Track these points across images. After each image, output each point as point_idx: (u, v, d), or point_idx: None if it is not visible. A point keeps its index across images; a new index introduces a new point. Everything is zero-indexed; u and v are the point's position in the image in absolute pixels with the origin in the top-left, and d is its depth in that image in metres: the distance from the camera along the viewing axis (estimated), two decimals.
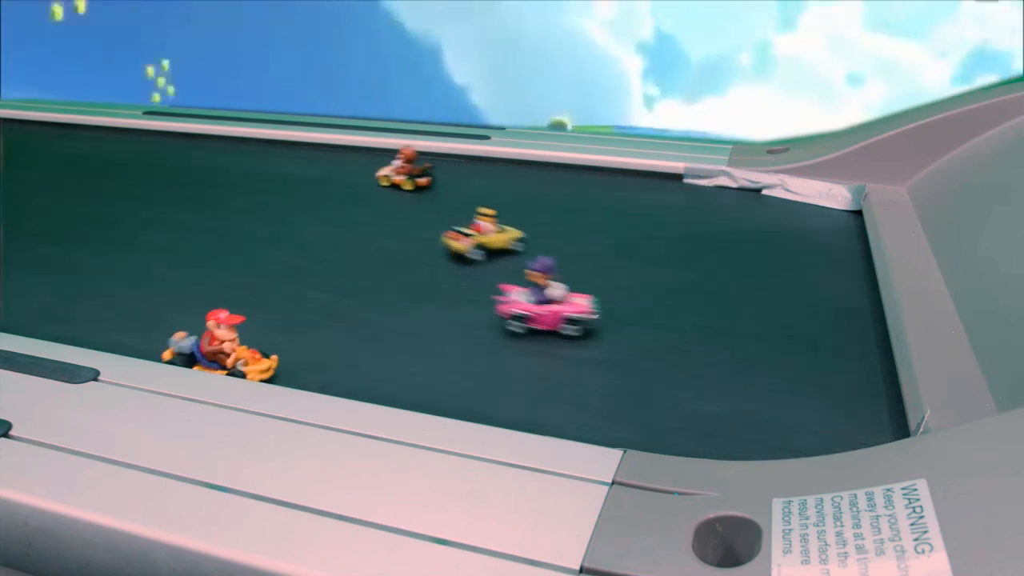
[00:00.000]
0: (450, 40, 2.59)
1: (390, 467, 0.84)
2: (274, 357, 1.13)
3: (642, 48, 2.34)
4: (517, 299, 1.25)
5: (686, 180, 2.08)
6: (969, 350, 1.10)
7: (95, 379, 1.01)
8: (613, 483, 0.79)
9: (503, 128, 2.52)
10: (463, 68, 2.60)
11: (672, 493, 0.77)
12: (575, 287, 1.28)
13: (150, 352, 1.12)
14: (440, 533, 0.74)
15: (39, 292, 1.43)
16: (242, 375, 1.10)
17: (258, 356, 1.12)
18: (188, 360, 1.12)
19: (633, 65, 2.35)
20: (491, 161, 2.27)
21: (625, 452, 0.84)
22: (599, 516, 0.74)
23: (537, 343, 1.24)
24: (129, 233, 1.75)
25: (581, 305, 1.24)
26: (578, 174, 2.16)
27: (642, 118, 2.44)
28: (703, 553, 0.70)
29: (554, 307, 1.23)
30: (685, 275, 1.52)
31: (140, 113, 2.75)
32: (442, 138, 2.39)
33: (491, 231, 1.56)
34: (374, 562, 0.71)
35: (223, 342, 1.10)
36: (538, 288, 1.24)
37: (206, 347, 1.11)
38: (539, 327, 1.24)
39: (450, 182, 2.08)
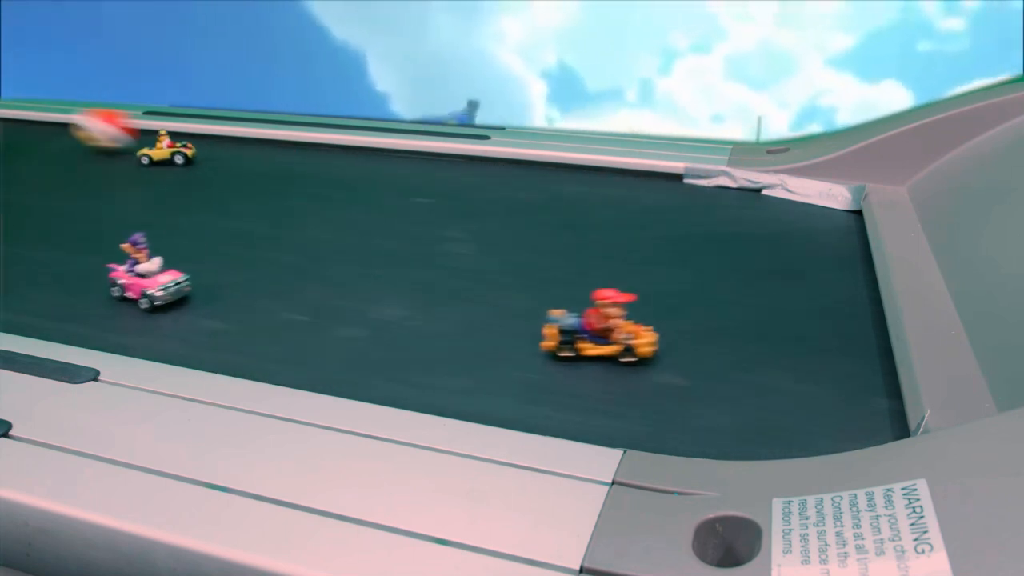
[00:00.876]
0: (375, 49, 2.86)
1: (390, 467, 0.84)
2: (650, 333, 1.16)
3: (546, 74, 2.72)
4: (118, 268, 1.39)
5: (686, 180, 2.08)
6: (969, 350, 1.10)
7: (95, 379, 1.01)
8: (613, 483, 0.79)
9: (503, 128, 2.53)
10: (385, 77, 2.88)
11: (672, 493, 0.77)
12: (574, 286, 1.29)
13: (150, 352, 1.12)
14: (440, 533, 0.74)
15: (39, 292, 1.43)
16: (630, 349, 1.14)
17: (644, 330, 1.16)
18: (570, 337, 1.16)
19: (537, 88, 2.73)
20: (491, 161, 2.28)
21: (625, 452, 0.84)
22: (599, 516, 0.74)
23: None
24: (129, 233, 1.74)
25: (163, 280, 1.35)
26: (578, 174, 2.16)
27: None
28: (703, 553, 0.70)
29: (142, 280, 1.35)
30: (684, 275, 1.52)
31: (140, 113, 2.75)
32: (442, 138, 2.40)
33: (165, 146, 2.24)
34: (374, 562, 0.71)
35: (612, 318, 1.15)
36: (133, 260, 1.37)
37: (596, 324, 1.16)
38: (130, 296, 1.37)
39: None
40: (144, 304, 1.34)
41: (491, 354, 1.21)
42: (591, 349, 1.16)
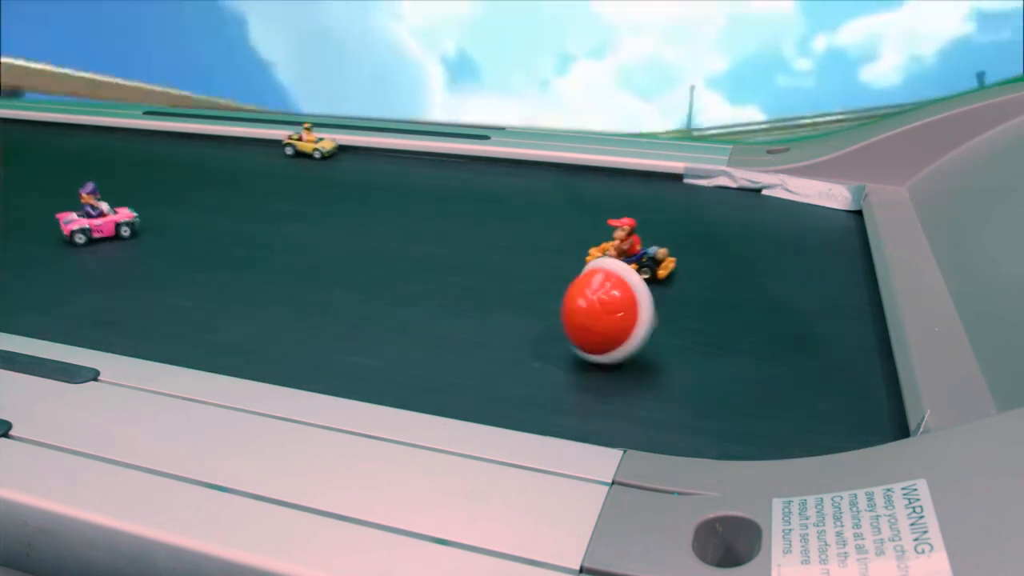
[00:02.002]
0: (257, 14, 2.89)
1: (390, 467, 0.84)
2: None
3: (444, 60, 2.81)
4: (74, 218, 1.64)
5: (686, 180, 2.08)
6: (969, 350, 1.10)
7: (95, 379, 1.01)
8: (613, 483, 0.79)
9: (503, 128, 2.53)
10: (269, 45, 2.90)
11: (672, 493, 0.77)
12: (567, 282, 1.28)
13: (150, 352, 1.12)
14: (440, 533, 0.74)
15: (39, 292, 1.43)
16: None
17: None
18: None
19: (435, 72, 2.82)
20: (491, 161, 2.28)
21: (625, 452, 0.84)
22: (599, 516, 0.74)
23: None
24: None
25: (127, 214, 1.69)
26: (578, 174, 2.16)
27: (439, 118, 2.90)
28: (703, 553, 0.70)
29: (107, 218, 1.66)
30: (684, 274, 1.52)
31: (140, 113, 2.75)
32: (442, 138, 2.40)
33: (305, 139, 2.33)
34: (374, 562, 0.71)
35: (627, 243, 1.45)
36: (91, 207, 1.65)
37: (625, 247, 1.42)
38: (100, 235, 1.65)
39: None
40: (125, 232, 1.67)
41: (487, 354, 1.21)
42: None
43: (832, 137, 2.14)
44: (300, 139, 2.33)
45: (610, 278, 1.10)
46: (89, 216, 1.65)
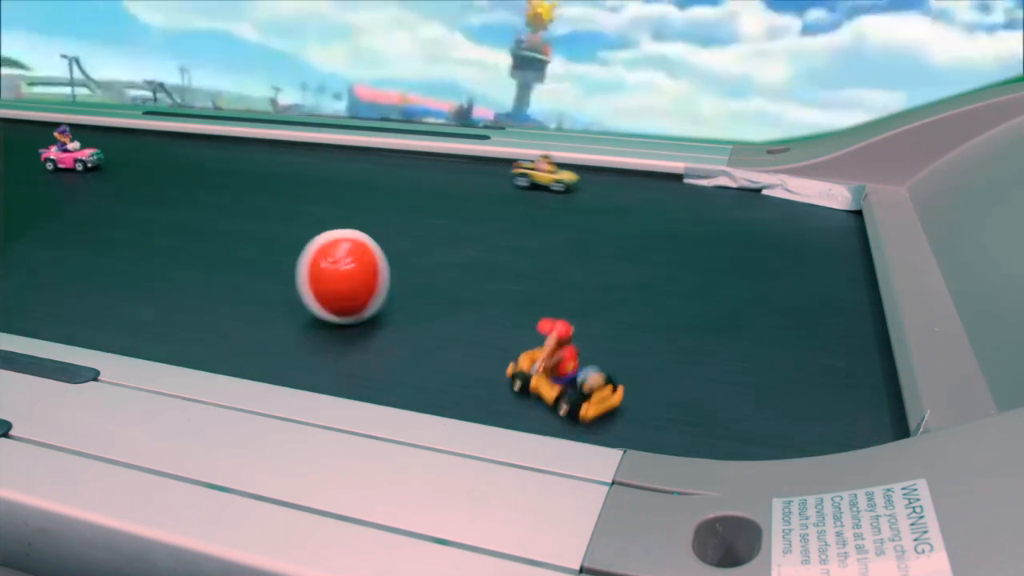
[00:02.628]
0: None
1: (390, 467, 0.84)
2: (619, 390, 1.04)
3: None
4: (51, 150, 2.17)
5: (686, 180, 2.08)
6: (969, 350, 1.10)
7: (95, 379, 1.01)
8: (613, 483, 0.79)
9: (503, 128, 2.53)
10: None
11: (672, 493, 0.77)
12: (572, 285, 1.28)
13: (150, 352, 1.12)
14: (440, 533, 0.74)
15: (39, 292, 1.43)
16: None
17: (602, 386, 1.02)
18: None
19: None
20: (491, 161, 2.28)
21: (625, 452, 0.84)
22: (599, 516, 0.74)
23: None
24: (129, 233, 1.75)
25: (85, 152, 2.18)
26: (578, 174, 2.16)
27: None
28: (703, 553, 0.70)
29: (71, 154, 2.18)
30: (684, 275, 1.52)
31: (140, 113, 2.75)
32: (442, 138, 2.40)
33: (543, 169, 2.04)
34: (374, 562, 0.71)
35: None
36: (62, 144, 2.18)
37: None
38: (63, 166, 2.18)
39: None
40: (79, 168, 2.17)
41: (483, 355, 1.21)
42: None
43: (832, 137, 2.14)
44: (536, 168, 2.04)
45: (354, 246, 1.24)
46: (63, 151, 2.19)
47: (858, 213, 1.81)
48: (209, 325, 1.31)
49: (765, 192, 1.98)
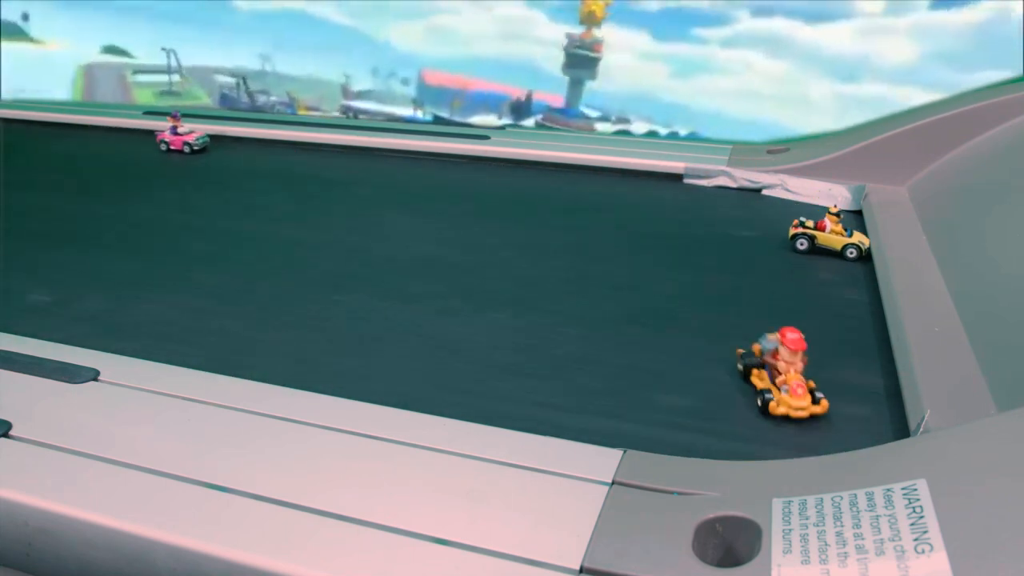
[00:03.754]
0: None
1: (390, 467, 0.84)
2: (823, 403, 1.03)
3: None
4: (165, 135, 2.35)
5: (686, 180, 2.08)
6: (969, 350, 1.10)
7: (95, 379, 1.01)
8: (613, 483, 0.79)
9: (503, 128, 2.53)
10: None
11: (672, 493, 0.77)
12: (574, 286, 1.30)
13: (150, 352, 1.12)
14: (440, 533, 0.74)
15: (39, 292, 1.43)
16: (766, 401, 1.04)
17: (803, 391, 1.03)
18: (759, 362, 1.10)
19: None
20: (491, 161, 2.28)
21: (625, 452, 0.84)
22: (599, 516, 0.74)
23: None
24: (129, 234, 1.75)
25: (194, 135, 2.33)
26: (578, 174, 2.16)
27: None
28: (703, 553, 0.70)
29: (181, 136, 2.32)
30: (685, 275, 1.52)
31: (140, 113, 2.75)
32: (442, 138, 2.40)
33: (827, 229, 1.60)
34: (374, 562, 0.71)
35: (780, 360, 1.06)
36: (175, 128, 2.34)
37: (769, 358, 1.08)
38: (175, 148, 2.34)
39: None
40: (187, 150, 2.34)
41: (479, 355, 1.21)
42: (757, 379, 1.09)
43: (832, 137, 2.14)
44: (820, 228, 1.60)
45: None
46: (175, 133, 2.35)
47: (858, 213, 1.81)
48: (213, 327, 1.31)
49: (765, 192, 1.98)
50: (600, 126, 2.65)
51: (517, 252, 1.64)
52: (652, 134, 2.56)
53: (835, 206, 1.62)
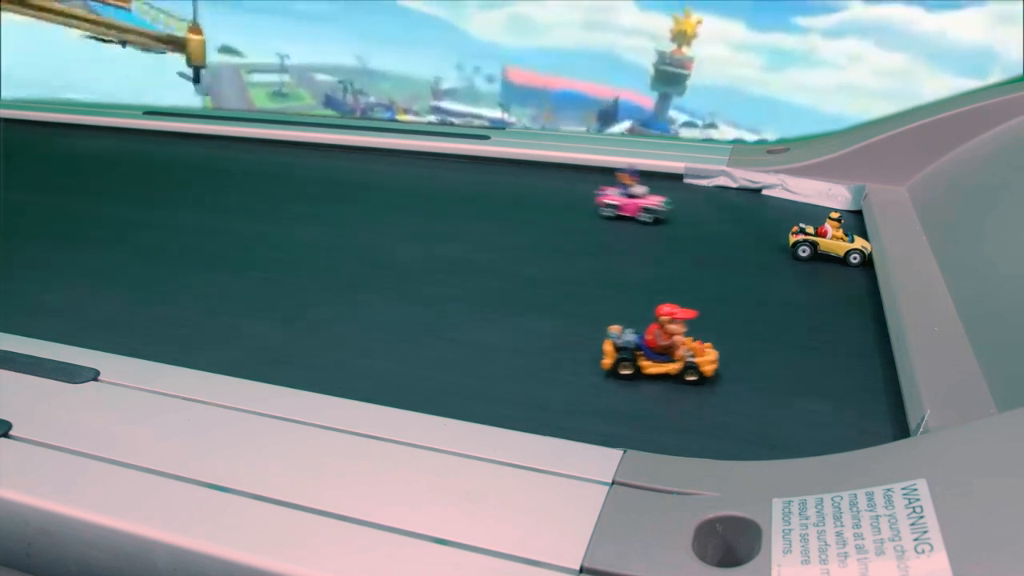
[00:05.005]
0: None
1: (390, 467, 0.84)
2: (712, 351, 1.12)
3: None
4: (610, 194, 1.81)
5: (686, 180, 2.08)
6: (969, 350, 1.10)
7: (95, 379, 1.01)
8: (613, 483, 0.79)
9: (503, 128, 2.53)
10: None
11: (672, 493, 0.77)
12: (573, 285, 1.31)
13: (150, 352, 1.12)
14: (440, 533, 0.74)
15: (39, 292, 1.43)
16: (694, 367, 1.11)
17: (706, 348, 1.13)
18: (629, 354, 1.12)
19: None
20: (491, 161, 2.28)
21: (625, 452, 0.84)
22: (599, 516, 0.74)
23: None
24: (129, 233, 1.75)
25: (654, 200, 1.78)
26: (578, 174, 2.16)
27: None
28: (703, 553, 0.70)
29: (637, 200, 1.78)
30: (685, 275, 1.52)
31: (140, 113, 2.75)
32: (442, 138, 2.40)
33: (828, 235, 1.58)
34: (374, 562, 0.71)
35: (674, 335, 1.11)
36: (625, 186, 1.80)
37: (658, 341, 1.12)
38: (624, 213, 1.79)
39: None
40: (646, 218, 1.77)
41: (478, 355, 1.21)
42: (652, 367, 1.12)
43: (832, 137, 2.14)
44: (822, 234, 1.58)
45: None
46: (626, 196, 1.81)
47: (858, 213, 1.81)
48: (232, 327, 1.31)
49: (765, 192, 1.98)
50: (686, 132, 2.55)
51: (512, 253, 1.64)
52: (739, 141, 2.45)
53: (836, 212, 1.60)
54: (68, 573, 0.79)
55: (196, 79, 2.97)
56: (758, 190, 1.99)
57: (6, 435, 0.89)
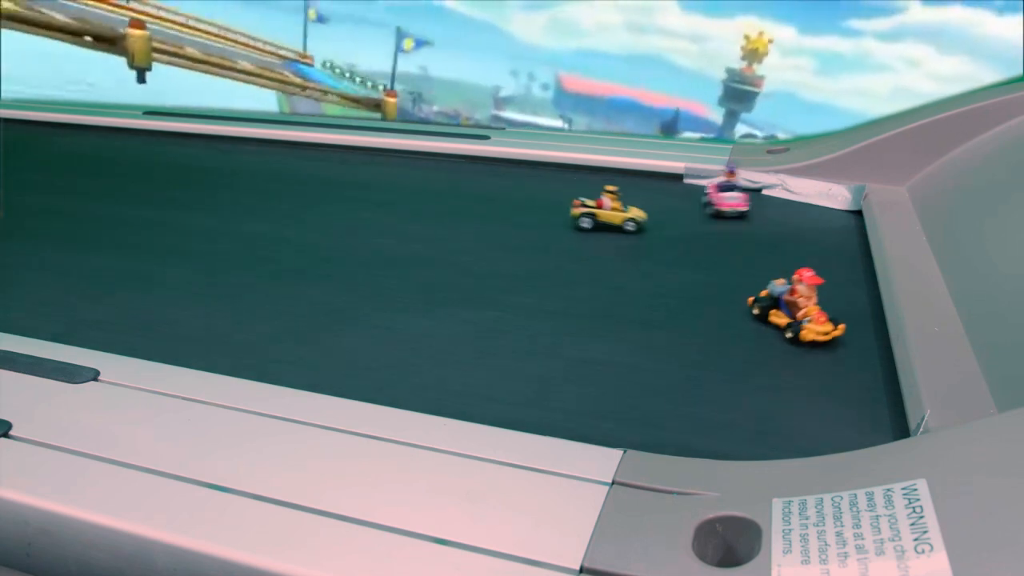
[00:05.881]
0: None
1: (390, 467, 0.84)
2: (841, 326, 1.21)
3: None
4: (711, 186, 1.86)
5: (686, 180, 2.08)
6: (969, 350, 1.10)
7: (95, 379, 1.01)
8: (613, 483, 0.79)
9: (503, 128, 2.53)
10: None
11: (672, 493, 0.77)
12: (574, 287, 1.30)
13: (150, 352, 1.12)
14: (440, 533, 0.74)
15: (39, 292, 1.43)
16: (796, 327, 1.21)
17: (824, 319, 1.21)
18: (772, 304, 1.28)
19: None
20: (491, 161, 2.28)
21: (625, 452, 0.84)
22: (599, 516, 0.74)
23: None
24: (129, 233, 1.75)
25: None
26: (578, 174, 2.16)
27: None
28: (703, 553, 0.70)
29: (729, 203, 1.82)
30: (685, 275, 1.52)
31: (140, 113, 2.75)
32: (442, 138, 2.40)
33: (608, 207, 1.72)
34: (374, 562, 0.71)
35: (799, 296, 1.24)
36: (728, 184, 1.84)
37: (788, 296, 1.25)
38: (721, 208, 1.82)
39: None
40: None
41: (478, 353, 1.21)
42: (776, 317, 1.27)
43: (832, 137, 2.14)
44: (600, 205, 1.74)
45: None
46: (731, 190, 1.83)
47: (858, 213, 1.81)
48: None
49: (765, 192, 1.98)
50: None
51: (512, 253, 1.64)
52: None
53: (612, 185, 1.74)
54: (68, 573, 0.79)
55: (141, 80, 2.95)
56: (758, 190, 1.99)
57: (6, 435, 0.89)
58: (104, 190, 2.10)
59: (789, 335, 1.22)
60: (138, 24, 2.84)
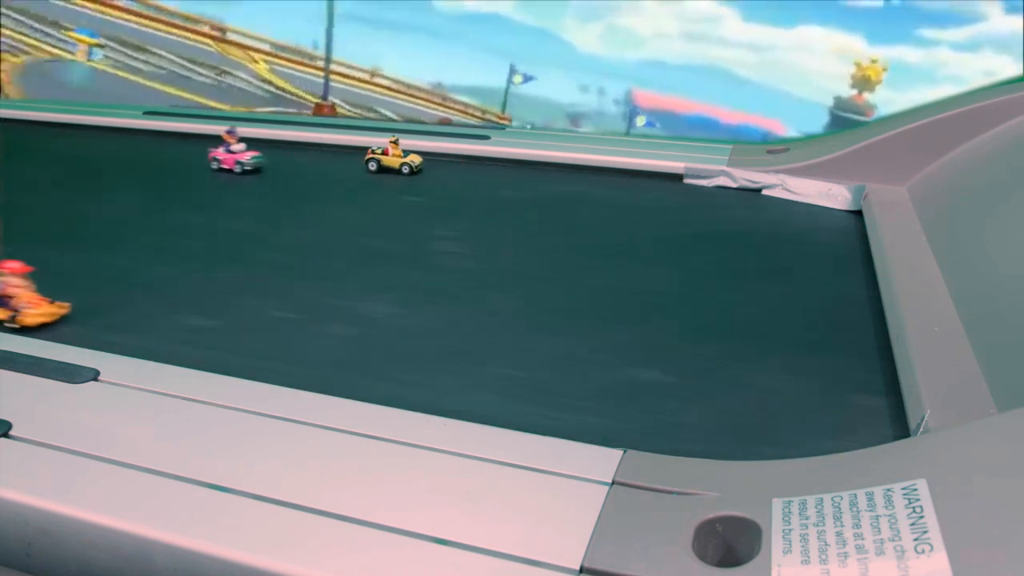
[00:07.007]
0: None
1: (390, 467, 0.84)
2: (66, 304, 1.28)
3: None
4: (218, 152, 2.17)
5: (686, 180, 2.08)
6: (969, 350, 1.10)
7: (95, 379, 1.01)
8: (613, 483, 0.79)
9: (503, 128, 2.53)
10: None
11: (672, 493, 0.77)
12: (572, 286, 1.29)
13: (150, 352, 1.12)
14: (440, 533, 0.74)
15: (38, 291, 1.43)
16: (13, 318, 1.24)
17: (44, 302, 1.27)
18: None
19: None
20: (491, 161, 2.28)
21: (625, 452, 0.84)
22: (599, 516, 0.74)
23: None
24: (129, 233, 1.75)
25: (248, 155, 2.15)
26: (578, 174, 2.16)
27: None
28: (703, 553, 0.70)
29: (235, 155, 2.15)
30: (684, 275, 1.52)
31: (140, 113, 2.75)
32: (442, 138, 2.40)
33: (391, 154, 2.17)
34: (374, 562, 0.71)
35: (13, 287, 1.27)
36: (228, 146, 2.15)
37: (3, 291, 1.27)
38: (225, 167, 2.15)
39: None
40: (238, 169, 2.14)
41: (478, 352, 1.21)
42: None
43: (832, 137, 2.14)
44: (385, 153, 2.17)
45: None
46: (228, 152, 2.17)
47: (858, 213, 1.81)
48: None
49: (765, 192, 1.98)
50: None
51: (512, 253, 1.64)
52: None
53: (395, 136, 2.19)
54: (68, 573, 0.79)
55: None
56: (758, 190, 1.99)
57: (6, 435, 0.89)
58: (104, 190, 2.10)
59: (12, 325, 1.24)
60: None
